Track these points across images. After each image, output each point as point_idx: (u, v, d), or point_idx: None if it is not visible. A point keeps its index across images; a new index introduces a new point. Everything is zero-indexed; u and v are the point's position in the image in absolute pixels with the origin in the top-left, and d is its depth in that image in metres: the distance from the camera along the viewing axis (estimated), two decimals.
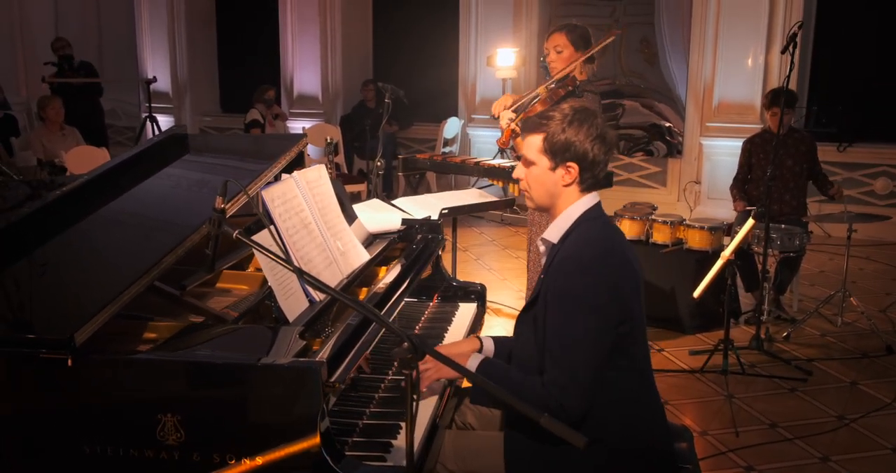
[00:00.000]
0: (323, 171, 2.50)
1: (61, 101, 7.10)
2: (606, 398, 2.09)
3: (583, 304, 2.03)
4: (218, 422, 1.68)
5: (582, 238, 2.14)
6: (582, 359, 2.02)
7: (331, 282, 2.27)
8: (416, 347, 1.49)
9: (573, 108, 2.17)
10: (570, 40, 3.76)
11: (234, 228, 1.69)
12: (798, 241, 4.98)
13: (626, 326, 2.08)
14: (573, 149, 2.11)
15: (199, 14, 11.38)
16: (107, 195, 2.35)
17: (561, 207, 2.19)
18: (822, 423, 3.88)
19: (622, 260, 2.11)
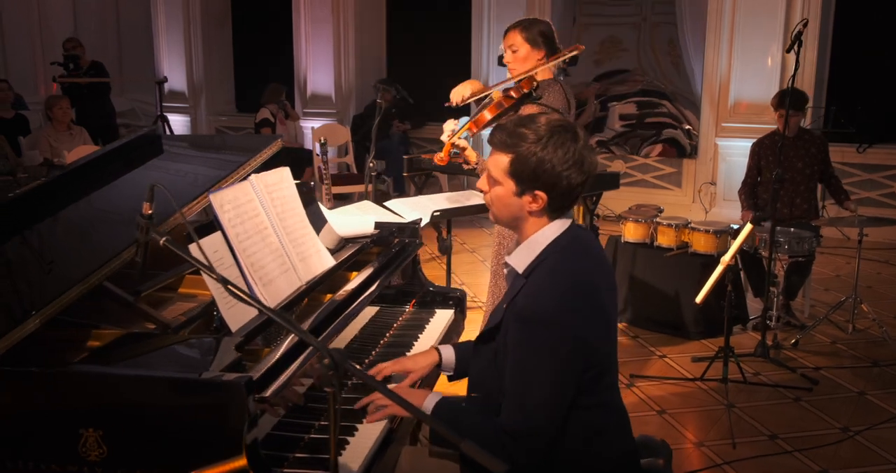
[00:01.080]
0: (285, 174, 2.42)
1: (69, 101, 7.10)
2: (568, 434, 1.95)
3: (545, 355, 1.85)
4: (140, 438, 1.60)
5: (548, 278, 1.91)
6: (542, 407, 1.86)
7: (288, 289, 2.19)
8: (336, 364, 1.40)
9: (550, 126, 1.90)
10: (525, 38, 3.42)
11: (163, 235, 1.61)
12: (807, 245, 4.83)
13: (592, 371, 1.92)
14: (544, 176, 1.86)
15: (215, 14, 11.39)
16: (61, 199, 2.27)
17: (527, 232, 1.97)
18: (825, 435, 3.73)
19: (591, 306, 1.90)
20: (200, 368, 1.66)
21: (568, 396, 1.88)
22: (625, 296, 5.28)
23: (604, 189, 5.98)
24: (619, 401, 2.09)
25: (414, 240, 2.96)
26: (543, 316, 1.84)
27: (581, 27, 8.57)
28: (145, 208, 1.60)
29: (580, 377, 1.89)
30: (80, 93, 8.76)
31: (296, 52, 10.37)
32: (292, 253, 2.28)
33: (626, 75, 8.56)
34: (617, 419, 2.06)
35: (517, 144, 1.89)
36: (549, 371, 1.84)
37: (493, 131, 1.99)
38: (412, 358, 2.28)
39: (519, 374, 1.87)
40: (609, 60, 8.63)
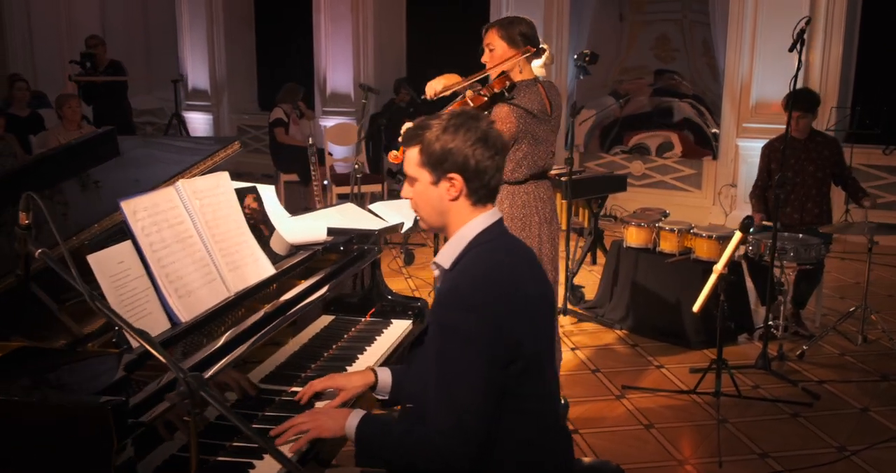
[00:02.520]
0: (222, 180, 2.32)
1: (78, 100, 7.11)
2: (501, 442, 1.86)
3: (466, 345, 1.78)
4: (9, 460, 1.52)
5: (469, 267, 1.88)
6: (469, 404, 1.78)
7: (211, 301, 2.09)
8: (191, 392, 1.30)
9: (451, 114, 1.93)
10: (501, 36, 3.35)
11: (40, 246, 1.52)
12: (814, 253, 4.62)
13: (517, 365, 1.83)
14: (451, 157, 1.87)
15: (239, 13, 11.41)
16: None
17: (454, 227, 1.95)
18: (820, 455, 3.55)
19: (512, 294, 1.84)
20: (84, 387, 1.57)
21: (494, 387, 1.80)
22: (626, 303, 5.12)
23: (611, 191, 5.82)
24: (554, 414, 1.98)
25: (373, 248, 2.85)
26: (462, 300, 1.80)
27: (631, 25, 8.32)
28: (21, 218, 1.51)
29: (505, 371, 1.81)
30: (97, 92, 8.80)
31: (315, 51, 10.34)
32: (221, 262, 2.18)
33: (670, 75, 8.29)
34: (552, 434, 1.95)
35: (422, 135, 1.91)
36: (471, 359, 1.77)
37: (404, 131, 1.99)
38: (346, 377, 2.18)
39: (442, 365, 1.80)
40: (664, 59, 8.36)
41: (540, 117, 3.36)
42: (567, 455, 2.02)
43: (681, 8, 8.17)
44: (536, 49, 3.40)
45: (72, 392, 1.55)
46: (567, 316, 5.26)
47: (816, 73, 7.44)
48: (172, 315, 1.97)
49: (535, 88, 3.37)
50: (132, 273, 1.90)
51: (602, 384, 4.30)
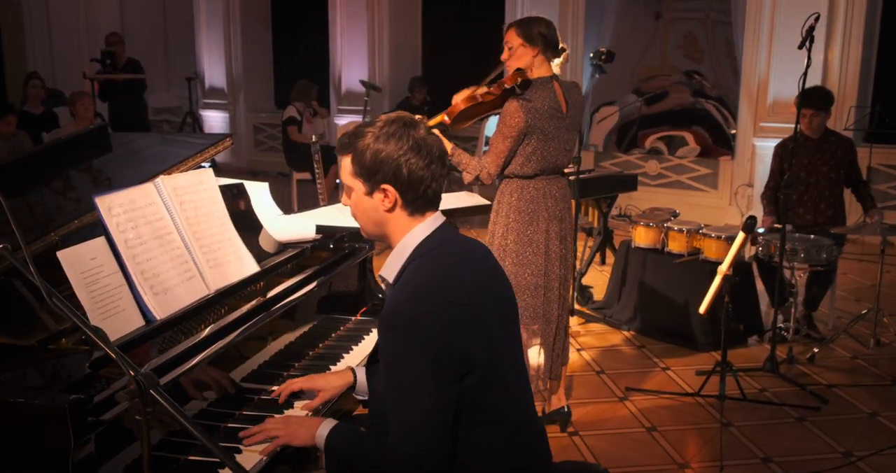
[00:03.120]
0: (206, 177, 2.30)
1: (91, 98, 7.15)
2: (465, 455, 1.81)
3: (411, 363, 1.72)
4: None
5: (408, 282, 1.81)
6: (422, 422, 1.73)
7: (188, 298, 2.07)
8: (142, 390, 1.27)
9: (387, 121, 1.84)
10: (518, 35, 3.37)
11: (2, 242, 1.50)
12: (825, 254, 4.52)
13: (472, 377, 1.77)
14: (384, 167, 1.79)
15: (255, 11, 11.43)
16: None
17: (394, 237, 1.87)
18: (824, 460, 3.47)
19: (458, 307, 1.77)
20: (48, 385, 1.55)
21: (447, 403, 1.74)
22: (634, 304, 5.06)
23: (621, 190, 5.75)
24: (523, 418, 1.92)
25: (364, 246, 2.82)
26: (401, 319, 1.73)
27: (668, 22, 8.19)
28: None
29: (457, 385, 1.75)
30: (115, 90, 8.87)
31: (331, 49, 10.33)
32: (201, 259, 2.16)
33: (696, 76, 8.15)
34: (522, 438, 1.90)
35: (353, 143, 1.84)
36: (419, 377, 1.71)
37: (339, 138, 1.90)
38: (325, 377, 2.15)
39: (392, 386, 1.75)
40: (695, 58, 8.22)
41: (551, 114, 3.35)
42: (542, 459, 1.96)
43: (704, 6, 8.05)
44: (554, 48, 3.42)
45: (34, 389, 1.53)
46: (575, 316, 5.20)
47: (835, 71, 7.32)
48: (147, 312, 1.95)
49: (550, 86, 3.38)
50: (105, 269, 1.88)
51: (606, 385, 4.24)
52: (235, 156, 11.63)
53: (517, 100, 3.33)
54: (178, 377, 1.80)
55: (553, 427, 3.72)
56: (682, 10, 8.13)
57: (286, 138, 8.38)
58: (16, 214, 2.05)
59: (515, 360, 1.93)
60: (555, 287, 3.49)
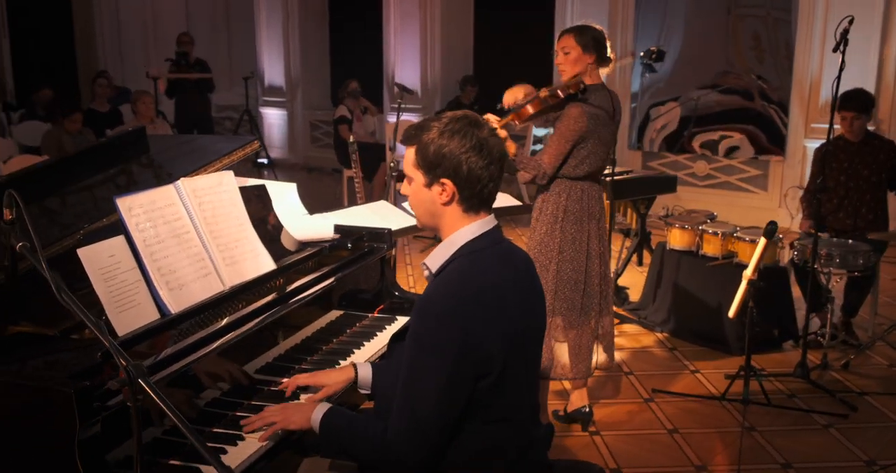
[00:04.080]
0: (226, 179, 2.44)
1: (152, 96, 7.44)
2: (462, 450, 1.91)
3: (432, 354, 1.81)
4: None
5: (451, 275, 1.89)
6: (428, 411, 1.82)
7: (203, 294, 2.21)
8: (131, 378, 1.40)
9: (453, 117, 1.91)
10: (577, 42, 3.51)
11: (21, 239, 1.65)
12: (862, 260, 4.47)
13: (488, 380, 1.86)
14: (445, 162, 1.86)
15: (313, 12, 11.66)
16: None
17: (445, 230, 1.95)
18: (845, 468, 3.46)
19: (490, 311, 1.84)
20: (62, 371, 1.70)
21: (456, 399, 1.83)
22: (668, 306, 5.07)
23: (659, 192, 5.75)
24: (526, 422, 2.01)
25: (382, 246, 2.93)
26: (436, 308, 1.82)
27: (736, 18, 8.07)
28: (5, 214, 1.65)
29: (472, 383, 1.83)
30: (185, 89, 9.25)
31: (385, 47, 10.50)
32: (217, 257, 2.30)
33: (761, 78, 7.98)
34: (521, 443, 1.98)
35: (419, 136, 1.91)
36: (437, 368, 1.80)
37: (404, 130, 1.99)
38: (327, 373, 2.26)
39: (408, 371, 1.85)
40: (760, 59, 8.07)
41: (606, 121, 3.52)
42: (541, 450, 2.04)
43: (765, 3, 7.88)
44: (605, 57, 3.57)
45: (47, 374, 1.68)
46: None
47: (891, 70, 7.16)
48: (163, 306, 2.09)
49: (605, 92, 3.54)
50: (122, 266, 2.02)
51: (632, 386, 4.28)
52: (293, 153, 11.91)
53: (580, 105, 3.46)
54: (188, 366, 1.93)
55: (575, 426, 3.78)
56: (747, 6, 7.96)
57: (337, 136, 8.56)
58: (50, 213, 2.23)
59: (530, 371, 2.00)
60: (595, 283, 3.61)
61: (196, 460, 1.86)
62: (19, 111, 9.34)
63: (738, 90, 7.98)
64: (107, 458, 1.70)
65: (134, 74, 11.87)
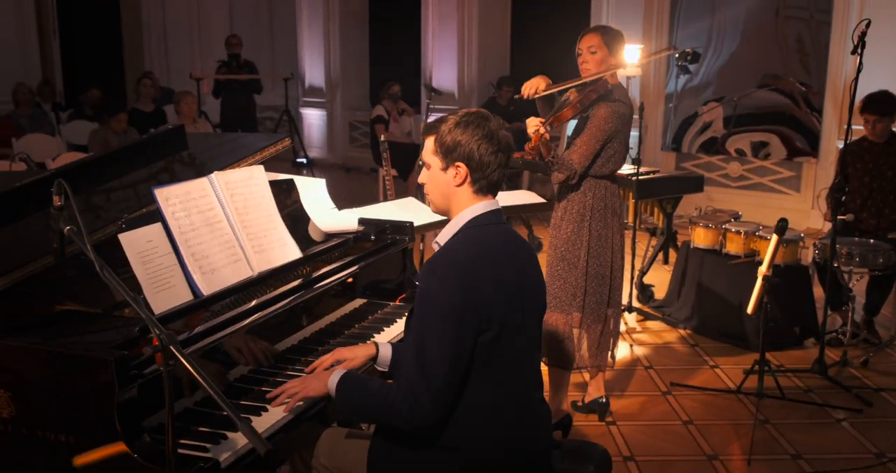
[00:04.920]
0: (256, 173, 2.62)
1: (195, 97, 7.70)
2: (465, 407, 2.07)
3: (437, 307, 2.02)
4: (40, 401, 1.86)
5: (454, 243, 2.15)
6: (436, 364, 2.00)
7: (233, 278, 2.40)
8: (163, 345, 1.58)
9: (467, 112, 2.20)
10: (604, 42, 3.57)
11: (68, 224, 1.84)
12: (882, 259, 4.53)
13: (489, 335, 2.04)
14: (460, 148, 2.14)
15: (353, 13, 11.89)
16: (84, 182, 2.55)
17: (455, 210, 2.20)
18: (855, 459, 3.54)
19: (488, 266, 2.07)
20: (104, 343, 1.89)
21: (462, 353, 2.01)
22: (692, 303, 5.16)
23: (685, 192, 5.83)
24: (525, 391, 2.17)
25: (404, 238, 3.09)
26: (441, 267, 2.07)
27: (783, 20, 8.08)
28: (55, 201, 1.84)
29: (475, 336, 2.02)
30: (233, 89, 9.56)
31: (423, 49, 10.67)
32: (247, 245, 2.48)
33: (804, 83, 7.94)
34: (517, 411, 2.14)
35: (437, 127, 2.19)
36: (443, 323, 2.00)
37: (424, 124, 2.24)
38: (350, 349, 2.43)
39: (418, 328, 2.04)
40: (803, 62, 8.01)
41: (629, 120, 3.62)
42: (534, 427, 2.19)
43: (807, 5, 7.85)
44: (622, 59, 3.65)
45: (91, 345, 1.87)
46: (634, 313, 5.35)
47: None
48: (195, 288, 2.28)
49: (625, 92, 3.67)
50: (159, 250, 2.22)
51: (651, 380, 4.39)
52: (331, 153, 12.15)
53: (610, 105, 3.54)
54: (217, 342, 2.11)
55: (591, 415, 3.91)
56: (793, 8, 7.94)
57: (373, 136, 8.76)
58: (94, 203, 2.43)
59: (529, 338, 2.17)
60: (617, 276, 3.73)
61: (222, 427, 2.04)
62: (68, 111, 9.71)
63: (784, 91, 7.99)
64: (143, 424, 1.89)
65: (178, 75, 12.22)
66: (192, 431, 2.01)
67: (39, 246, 2.20)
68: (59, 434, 1.85)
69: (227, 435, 2.00)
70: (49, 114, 8.97)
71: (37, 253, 2.14)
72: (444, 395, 2.02)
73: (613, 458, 3.45)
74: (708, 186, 8.23)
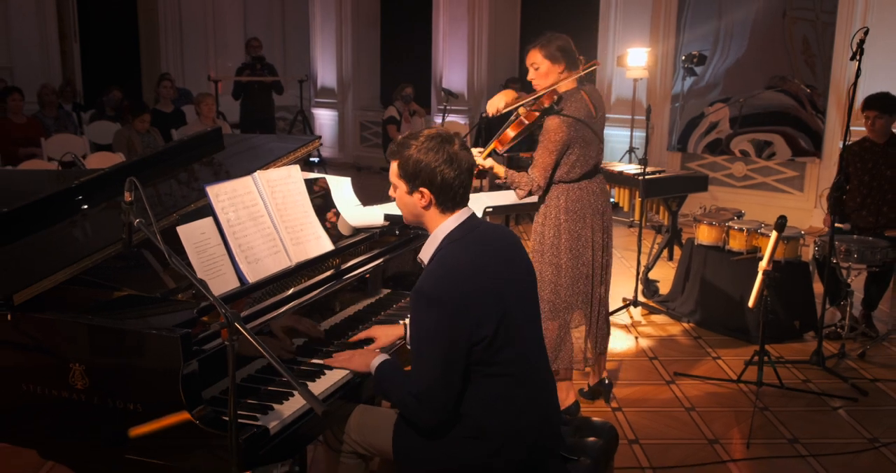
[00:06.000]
0: (293, 172, 2.85)
1: (213, 98, 7.94)
2: (476, 399, 2.27)
3: (429, 334, 2.20)
4: (110, 373, 2.09)
5: (435, 265, 2.28)
6: (432, 378, 2.20)
7: (274, 267, 2.63)
8: (229, 321, 1.81)
9: (428, 136, 2.28)
10: (544, 56, 3.67)
11: (139, 217, 2.07)
12: (880, 256, 4.74)
13: (482, 345, 2.22)
14: (422, 174, 2.25)
15: (365, 16, 12.13)
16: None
17: (429, 226, 2.35)
18: (849, 444, 3.76)
19: (475, 278, 2.21)
20: (167, 323, 2.13)
21: (455, 364, 2.20)
22: (696, 298, 5.37)
23: (690, 191, 6.04)
24: (532, 375, 2.36)
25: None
26: (427, 293, 2.21)
27: (790, 21, 8.30)
28: (126, 196, 2.07)
29: (469, 348, 2.20)
30: (254, 91, 9.83)
31: (433, 51, 10.91)
32: (286, 238, 2.71)
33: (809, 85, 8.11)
34: (527, 389, 2.33)
35: (401, 151, 2.30)
36: (435, 340, 2.18)
37: (389, 145, 2.40)
38: (382, 328, 2.69)
39: (415, 344, 2.25)
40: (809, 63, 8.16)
41: (587, 121, 3.72)
42: (545, 408, 2.40)
43: (813, 6, 8.00)
44: (574, 60, 3.72)
45: (157, 325, 2.10)
46: (638, 307, 5.56)
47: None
48: (242, 276, 2.51)
49: (580, 95, 3.72)
50: (211, 242, 2.45)
51: (656, 370, 4.61)
52: (343, 152, 12.40)
53: (557, 116, 3.66)
54: (263, 324, 2.34)
55: (598, 402, 4.13)
56: (799, 9, 8.08)
57: (385, 136, 9.00)
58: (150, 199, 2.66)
59: (529, 325, 2.37)
60: (598, 273, 3.89)
61: (269, 400, 2.27)
62: (89, 111, 9.97)
63: (789, 93, 8.15)
64: (202, 394, 2.12)
65: (193, 76, 12.49)
66: (242, 403, 2.24)
67: (99, 239, 2.44)
68: (127, 403, 2.07)
69: (274, 407, 2.23)
70: (72, 114, 9.22)
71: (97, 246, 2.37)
72: (441, 404, 2.22)
73: (619, 441, 3.71)
74: (713, 186, 8.47)
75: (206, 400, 2.12)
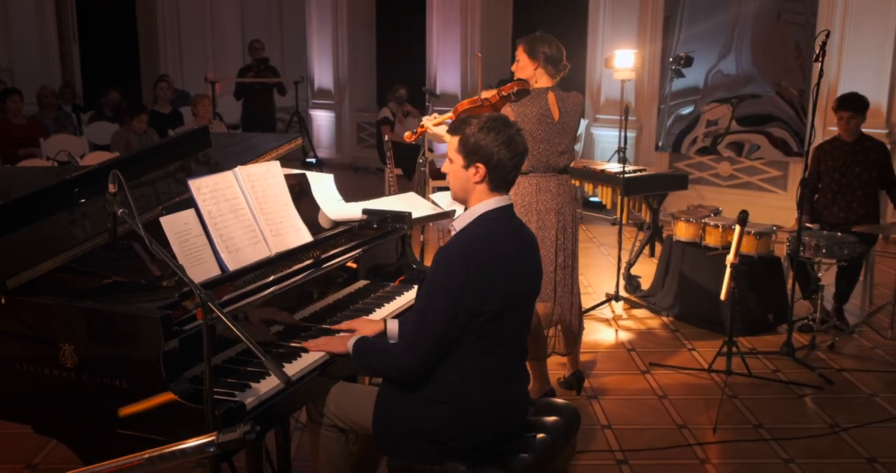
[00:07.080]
0: (273, 168, 3.02)
1: (210, 99, 8.12)
2: (458, 367, 2.45)
3: (440, 286, 2.39)
4: (98, 352, 2.26)
5: (466, 232, 2.48)
6: (430, 327, 2.38)
7: (254, 257, 2.79)
8: (203, 302, 1.98)
9: (490, 117, 2.49)
10: (524, 50, 3.97)
11: (122, 207, 2.24)
12: (847, 251, 4.90)
13: (484, 317, 2.39)
14: (481, 151, 2.44)
15: (362, 17, 12.30)
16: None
17: (472, 202, 2.53)
18: (811, 428, 3.92)
19: (494, 256, 2.39)
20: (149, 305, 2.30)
21: (456, 322, 2.37)
22: (674, 293, 5.54)
23: (670, 189, 6.21)
24: (513, 361, 2.54)
25: (403, 226, 3.48)
26: (453, 252, 2.41)
27: (783, 24, 8.33)
28: (110, 188, 2.24)
29: (471, 316, 2.37)
30: (255, 91, 10.02)
31: (427, 53, 11.08)
32: (266, 229, 2.88)
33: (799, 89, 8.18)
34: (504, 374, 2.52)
35: (462, 128, 2.49)
36: (442, 297, 2.36)
37: (452, 122, 2.61)
38: (363, 321, 2.85)
39: (424, 294, 2.43)
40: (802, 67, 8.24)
41: (540, 119, 3.90)
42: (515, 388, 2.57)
43: (803, 9, 8.10)
44: (555, 64, 3.96)
45: (141, 308, 2.27)
46: (620, 302, 5.73)
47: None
48: (223, 264, 2.68)
49: (544, 95, 3.94)
50: (193, 232, 2.61)
51: (632, 361, 4.78)
52: (340, 153, 12.57)
53: (510, 105, 3.92)
54: (242, 308, 2.51)
55: (571, 391, 4.29)
56: (791, 13, 8.21)
57: (380, 136, 9.16)
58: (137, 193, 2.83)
59: (522, 318, 2.55)
60: (549, 271, 3.97)
61: (246, 379, 2.44)
62: (88, 112, 10.15)
63: (781, 95, 8.27)
64: (184, 374, 2.28)
65: (192, 77, 12.67)
66: (222, 382, 2.41)
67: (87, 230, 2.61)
68: (113, 380, 2.24)
69: (252, 385, 2.39)
70: (71, 115, 9.40)
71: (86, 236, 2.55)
72: (429, 355, 2.41)
73: (593, 427, 3.89)
74: (699, 185, 8.67)
75: (188, 379, 2.28)
